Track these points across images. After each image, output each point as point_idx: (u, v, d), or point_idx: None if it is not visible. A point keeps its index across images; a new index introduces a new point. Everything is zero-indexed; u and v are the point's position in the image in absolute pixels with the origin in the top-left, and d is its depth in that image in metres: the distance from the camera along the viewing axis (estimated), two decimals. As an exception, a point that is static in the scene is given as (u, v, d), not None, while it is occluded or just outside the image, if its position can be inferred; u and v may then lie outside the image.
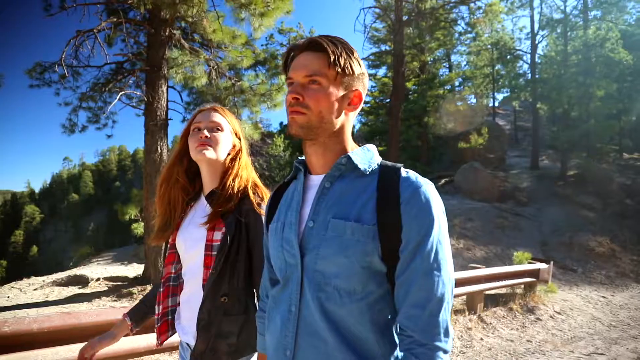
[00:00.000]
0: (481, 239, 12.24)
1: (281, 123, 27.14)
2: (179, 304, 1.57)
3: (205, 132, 1.49)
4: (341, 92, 1.04)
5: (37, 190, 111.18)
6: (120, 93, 6.11)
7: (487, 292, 6.79)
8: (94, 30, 6.48)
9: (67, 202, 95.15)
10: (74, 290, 6.81)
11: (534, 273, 7.46)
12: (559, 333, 6.26)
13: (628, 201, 17.06)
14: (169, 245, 1.58)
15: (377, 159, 1.09)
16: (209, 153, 1.49)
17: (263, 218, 1.42)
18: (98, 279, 7.05)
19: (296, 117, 1.02)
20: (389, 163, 1.07)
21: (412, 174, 1.02)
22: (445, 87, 20.82)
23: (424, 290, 0.93)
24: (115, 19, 6.53)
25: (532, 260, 8.35)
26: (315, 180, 1.10)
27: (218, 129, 1.52)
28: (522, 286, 7.47)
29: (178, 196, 1.58)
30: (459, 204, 14.99)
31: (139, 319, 1.63)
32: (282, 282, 1.09)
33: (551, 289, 7.80)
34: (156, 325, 1.55)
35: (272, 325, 1.09)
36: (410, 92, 21.62)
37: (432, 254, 0.94)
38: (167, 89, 6.59)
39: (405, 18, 15.54)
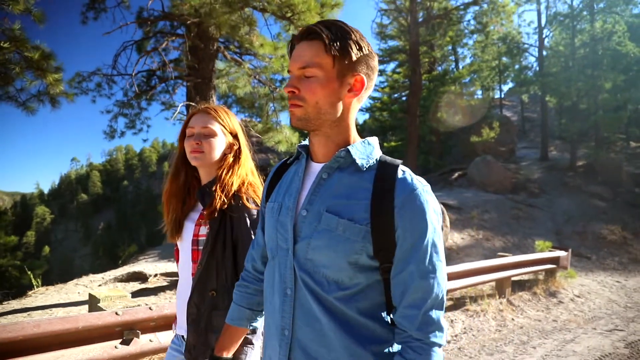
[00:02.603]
0: (499, 230, 12.85)
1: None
2: None
3: (197, 140, 1.53)
4: (339, 79, 1.01)
5: (46, 191, 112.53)
6: (181, 104, 6.75)
7: (513, 279, 7.41)
8: (158, 48, 7.12)
9: (76, 202, 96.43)
10: (135, 286, 7.48)
11: (555, 260, 8.07)
12: (580, 314, 6.88)
13: (637, 190, 17.59)
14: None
15: (377, 154, 1.07)
16: (199, 161, 1.54)
17: (254, 211, 1.51)
18: (156, 275, 7.72)
19: (294, 110, 1.03)
20: (388, 159, 1.05)
21: (409, 175, 1.01)
22: (456, 83, 21.37)
23: (420, 291, 0.96)
24: (174, 37, 7.17)
25: (552, 248, 8.97)
26: (316, 168, 1.10)
27: (210, 135, 1.55)
28: (544, 272, 8.08)
29: (184, 194, 1.66)
30: (474, 196, 15.57)
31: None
32: (271, 262, 1.13)
33: (571, 274, 8.42)
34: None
35: (270, 306, 1.12)
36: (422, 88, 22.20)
37: (427, 257, 0.97)
38: (217, 99, 7.22)
39: (420, 19, 16.08)
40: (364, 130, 29.96)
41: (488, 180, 17.08)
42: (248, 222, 1.48)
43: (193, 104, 6.97)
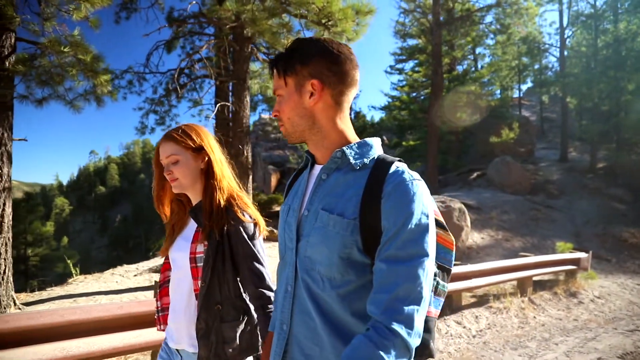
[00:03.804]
0: (518, 231, 12.96)
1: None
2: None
3: (167, 171, 1.58)
4: (297, 91, 1.08)
5: (65, 182, 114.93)
6: (217, 105, 7.06)
7: (534, 278, 7.59)
8: (199, 51, 7.47)
9: (94, 194, 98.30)
10: (169, 275, 7.88)
11: (575, 261, 8.22)
12: (600, 314, 7.03)
13: (658, 193, 17.44)
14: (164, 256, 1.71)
15: (375, 153, 1.09)
16: (178, 188, 1.60)
17: (250, 225, 1.55)
18: (188, 266, 8.09)
19: (281, 130, 1.15)
20: (388, 157, 1.07)
21: (401, 169, 1.01)
22: (477, 83, 21.37)
23: (392, 277, 0.92)
24: (212, 40, 7.50)
25: (573, 250, 9.10)
26: (318, 170, 1.15)
27: (176, 162, 1.57)
28: (564, 273, 8.23)
29: (176, 211, 1.72)
30: (493, 197, 15.67)
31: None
32: (281, 261, 1.19)
33: (591, 276, 8.55)
34: (158, 315, 1.74)
35: (277, 302, 1.18)
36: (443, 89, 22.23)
37: (408, 245, 0.93)
38: (249, 99, 7.53)
39: (442, 19, 16.16)
40: (381, 129, 30.04)
41: (507, 181, 17.13)
42: (245, 235, 1.52)
43: (228, 104, 7.31)
